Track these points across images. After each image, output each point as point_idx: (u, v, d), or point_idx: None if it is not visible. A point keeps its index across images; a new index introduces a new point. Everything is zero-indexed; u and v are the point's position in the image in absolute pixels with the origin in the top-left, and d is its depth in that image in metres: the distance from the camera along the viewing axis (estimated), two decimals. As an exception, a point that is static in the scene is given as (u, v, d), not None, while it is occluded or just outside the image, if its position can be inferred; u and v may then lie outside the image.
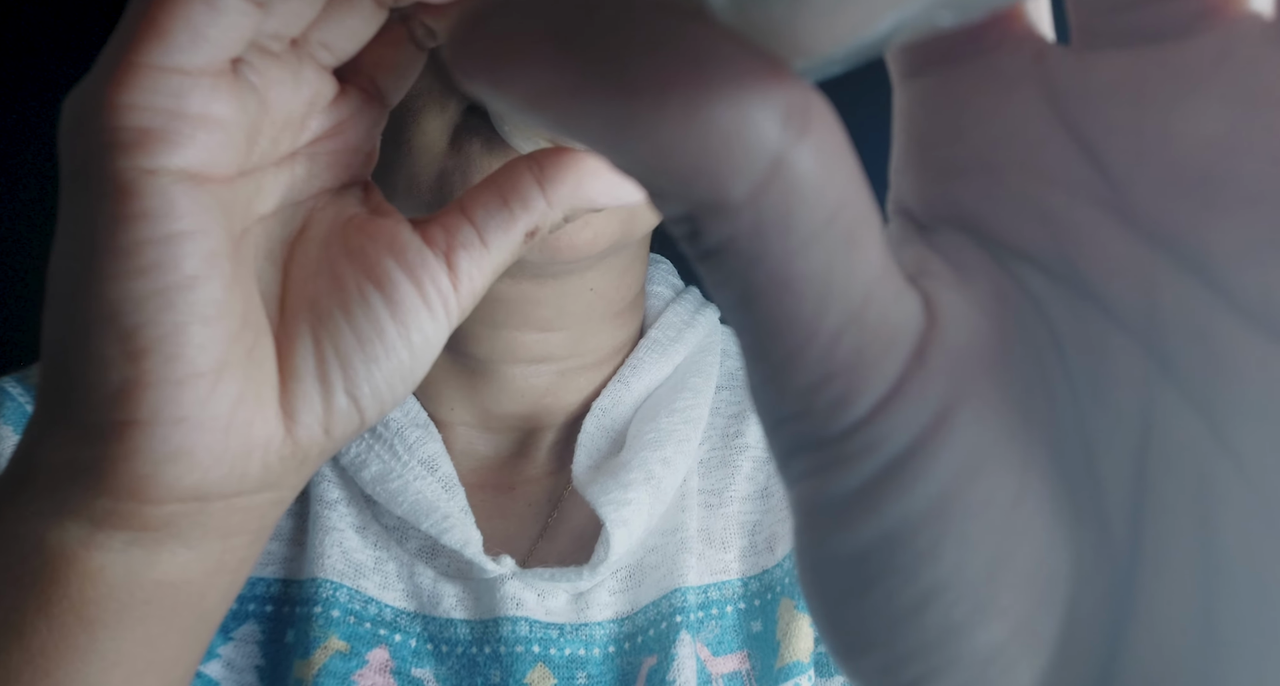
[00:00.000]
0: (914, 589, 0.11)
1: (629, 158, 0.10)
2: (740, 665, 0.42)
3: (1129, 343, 0.12)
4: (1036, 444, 0.12)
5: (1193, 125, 0.12)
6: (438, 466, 0.42)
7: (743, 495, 0.45)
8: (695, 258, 0.11)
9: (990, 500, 0.11)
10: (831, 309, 0.10)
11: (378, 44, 0.24)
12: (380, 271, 0.23)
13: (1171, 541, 0.11)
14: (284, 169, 0.23)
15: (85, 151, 0.19)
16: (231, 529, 0.22)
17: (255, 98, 0.21)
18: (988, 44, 0.14)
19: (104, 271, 0.19)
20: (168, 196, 0.19)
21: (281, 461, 0.22)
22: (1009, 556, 0.11)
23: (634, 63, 0.09)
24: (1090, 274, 0.12)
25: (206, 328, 0.20)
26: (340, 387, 0.22)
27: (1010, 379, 0.12)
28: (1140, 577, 0.11)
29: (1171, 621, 0.11)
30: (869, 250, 0.10)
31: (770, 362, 0.11)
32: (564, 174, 0.24)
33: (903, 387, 0.11)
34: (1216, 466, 0.11)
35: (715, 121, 0.09)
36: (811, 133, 0.10)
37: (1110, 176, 0.12)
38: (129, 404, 0.20)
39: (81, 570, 0.21)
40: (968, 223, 0.13)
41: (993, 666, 0.11)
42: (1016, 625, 0.11)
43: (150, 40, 0.19)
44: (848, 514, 0.11)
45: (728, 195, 0.09)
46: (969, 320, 0.12)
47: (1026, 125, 0.13)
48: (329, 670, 0.39)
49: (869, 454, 0.11)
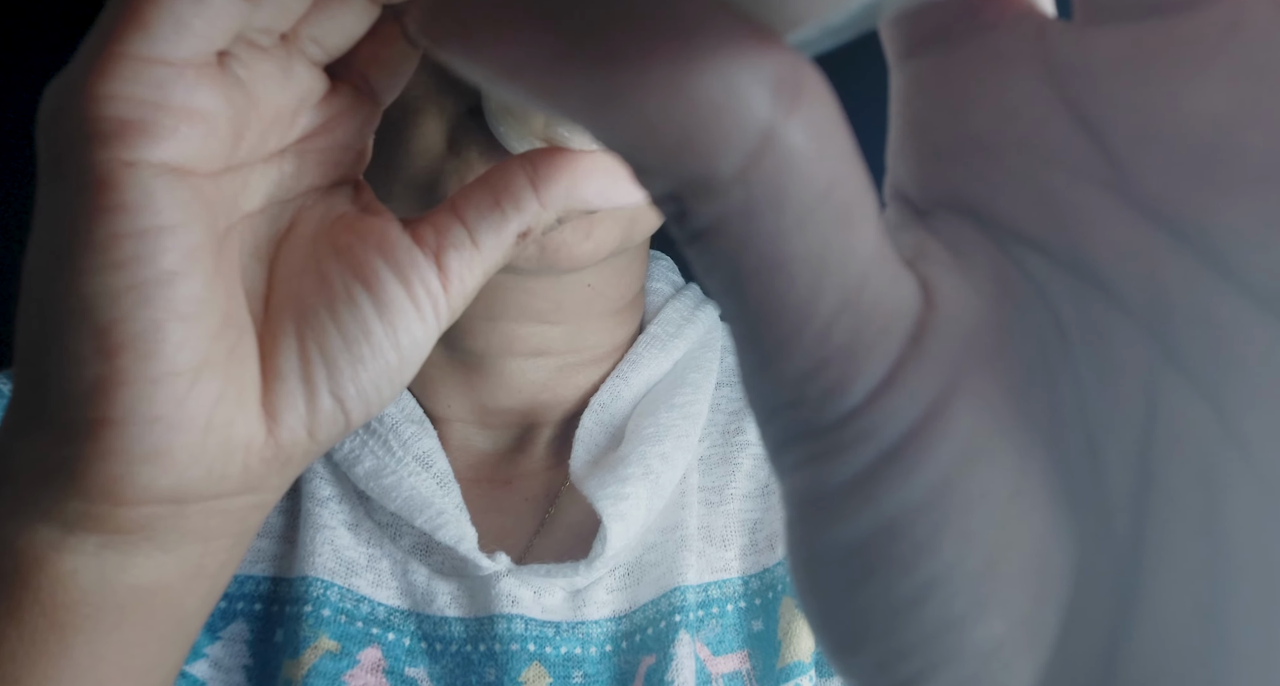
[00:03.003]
0: (911, 582, 0.11)
1: (612, 132, 0.09)
2: (741, 665, 0.41)
3: (1132, 327, 0.12)
4: (1037, 431, 0.11)
5: (1199, 102, 0.11)
6: (432, 462, 0.42)
7: (743, 492, 0.44)
8: (684, 241, 0.10)
9: (989, 490, 0.11)
10: (825, 292, 0.10)
11: (370, 41, 0.23)
12: (368, 271, 0.22)
13: (1176, 532, 0.11)
14: (272, 165, 0.23)
15: (64, 142, 0.19)
16: (210, 532, 0.22)
17: (242, 92, 0.21)
18: (986, 22, 0.13)
19: (79, 265, 0.19)
20: (147, 189, 0.19)
21: (263, 463, 0.22)
22: (1009, 548, 0.11)
23: (616, 31, 0.09)
24: (1092, 256, 0.12)
25: (185, 325, 0.20)
26: (325, 388, 0.22)
27: (1010, 364, 0.12)
28: (1143, 570, 0.11)
29: (1176, 615, 0.11)
30: (864, 230, 0.10)
31: (762, 350, 0.11)
32: (558, 174, 0.23)
33: (899, 374, 0.11)
34: (1223, 454, 0.11)
35: (702, 93, 0.09)
36: (803, 105, 0.09)
37: (1113, 156, 0.12)
38: (103, 402, 0.19)
39: (52, 574, 0.21)
40: (966, 206, 0.13)
41: (992, 661, 0.11)
42: (1017, 619, 0.11)
43: (133, 30, 0.19)
44: (843, 505, 0.11)
45: (716, 170, 0.09)
46: (968, 304, 0.12)
47: (1026, 104, 0.13)
48: (318, 670, 0.39)
49: (864, 443, 0.11)
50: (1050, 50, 0.13)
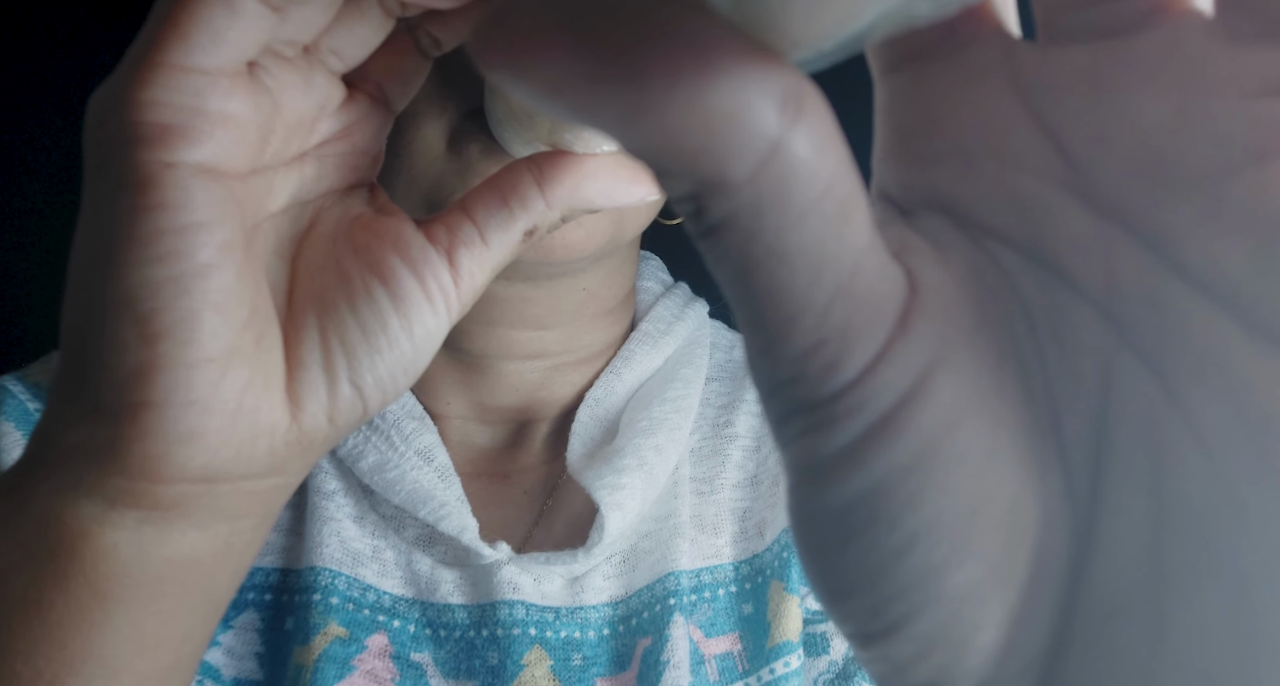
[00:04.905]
0: (898, 534, 0.12)
1: (639, 140, 0.10)
2: (732, 646, 0.43)
3: (1091, 312, 0.13)
4: (1008, 403, 0.13)
5: (1146, 112, 0.13)
6: (434, 456, 0.43)
7: (733, 482, 0.46)
8: (698, 235, 0.12)
9: (966, 452, 0.12)
10: (824, 279, 0.11)
11: (385, 52, 0.24)
12: (385, 267, 0.23)
13: (1127, 489, 0.12)
14: (294, 169, 0.24)
15: (109, 145, 0.20)
16: (239, 511, 0.23)
17: (269, 99, 0.22)
18: (960, 41, 0.15)
19: (123, 258, 0.20)
20: (185, 189, 0.20)
21: (287, 447, 0.23)
22: (983, 503, 0.12)
23: (644, 53, 0.10)
24: (1056, 250, 0.13)
25: (218, 314, 0.21)
26: (345, 377, 0.23)
27: (984, 345, 0.13)
28: (1099, 522, 0.13)
29: (1126, 560, 0.12)
30: (857, 226, 0.11)
31: (767, 332, 0.12)
32: (562, 176, 0.25)
33: (888, 352, 0.12)
34: (1168, 421, 0.12)
35: (718, 106, 0.10)
36: (805, 117, 0.10)
37: (1073, 161, 0.13)
38: (143, 386, 0.20)
39: (96, 546, 0.22)
40: (945, 205, 0.14)
41: (968, 603, 0.12)
42: (990, 565, 0.12)
43: (172, 41, 0.20)
44: (838, 469, 0.12)
45: (729, 174, 0.10)
46: (947, 292, 0.13)
47: (997, 115, 0.14)
48: (329, 655, 0.40)
49: (857, 413, 0.12)
50: (1017, 67, 0.14)
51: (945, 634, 0.12)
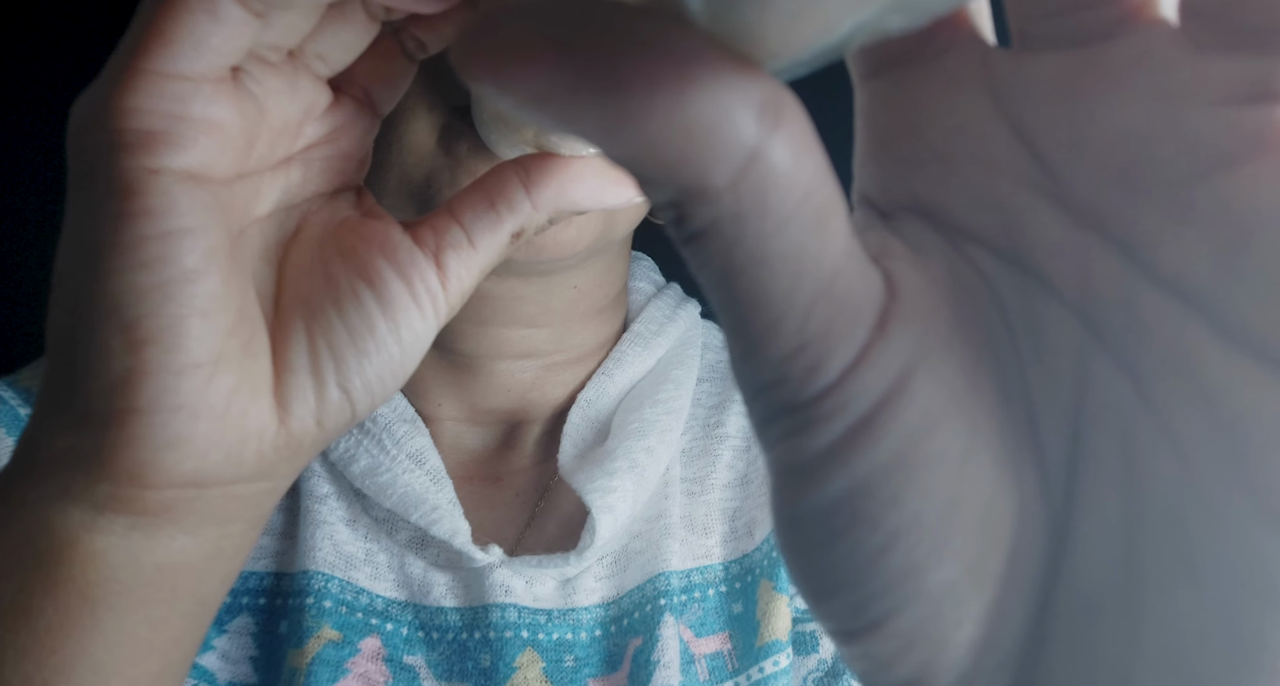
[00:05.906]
0: (879, 534, 0.12)
1: (621, 149, 0.11)
2: (722, 645, 0.43)
3: (1066, 314, 0.13)
4: (985, 403, 0.13)
5: (1117, 118, 0.13)
6: (425, 459, 0.43)
7: (723, 482, 0.46)
8: (681, 241, 0.12)
9: (945, 453, 0.12)
10: (804, 284, 0.11)
11: (371, 56, 0.24)
12: (372, 270, 0.24)
13: (1101, 488, 0.13)
14: (280, 173, 0.24)
15: (93, 152, 0.20)
16: (228, 516, 0.23)
17: (254, 105, 0.22)
18: (938, 48, 0.15)
19: (108, 265, 0.20)
20: (170, 195, 0.20)
21: (275, 451, 0.23)
22: (961, 503, 0.12)
23: (625, 64, 0.10)
24: (1032, 254, 0.14)
25: (205, 320, 0.21)
26: (333, 381, 0.23)
27: (962, 347, 0.13)
28: (1074, 520, 0.13)
29: (1101, 557, 0.12)
30: (836, 231, 0.12)
31: (749, 336, 0.12)
32: (548, 178, 0.25)
33: (867, 355, 0.12)
34: (1140, 421, 0.12)
35: (698, 116, 0.10)
36: (784, 125, 0.11)
37: (1047, 165, 0.14)
38: (130, 392, 0.20)
39: (84, 552, 0.22)
40: (924, 210, 0.15)
41: (947, 600, 0.12)
42: (968, 563, 0.12)
43: (156, 48, 0.20)
44: (820, 470, 0.12)
45: (710, 182, 0.11)
46: (926, 295, 0.13)
47: (973, 121, 0.14)
48: (322, 658, 0.40)
49: (838, 415, 0.12)
50: (993, 74, 0.14)
51: (925, 630, 0.13)
